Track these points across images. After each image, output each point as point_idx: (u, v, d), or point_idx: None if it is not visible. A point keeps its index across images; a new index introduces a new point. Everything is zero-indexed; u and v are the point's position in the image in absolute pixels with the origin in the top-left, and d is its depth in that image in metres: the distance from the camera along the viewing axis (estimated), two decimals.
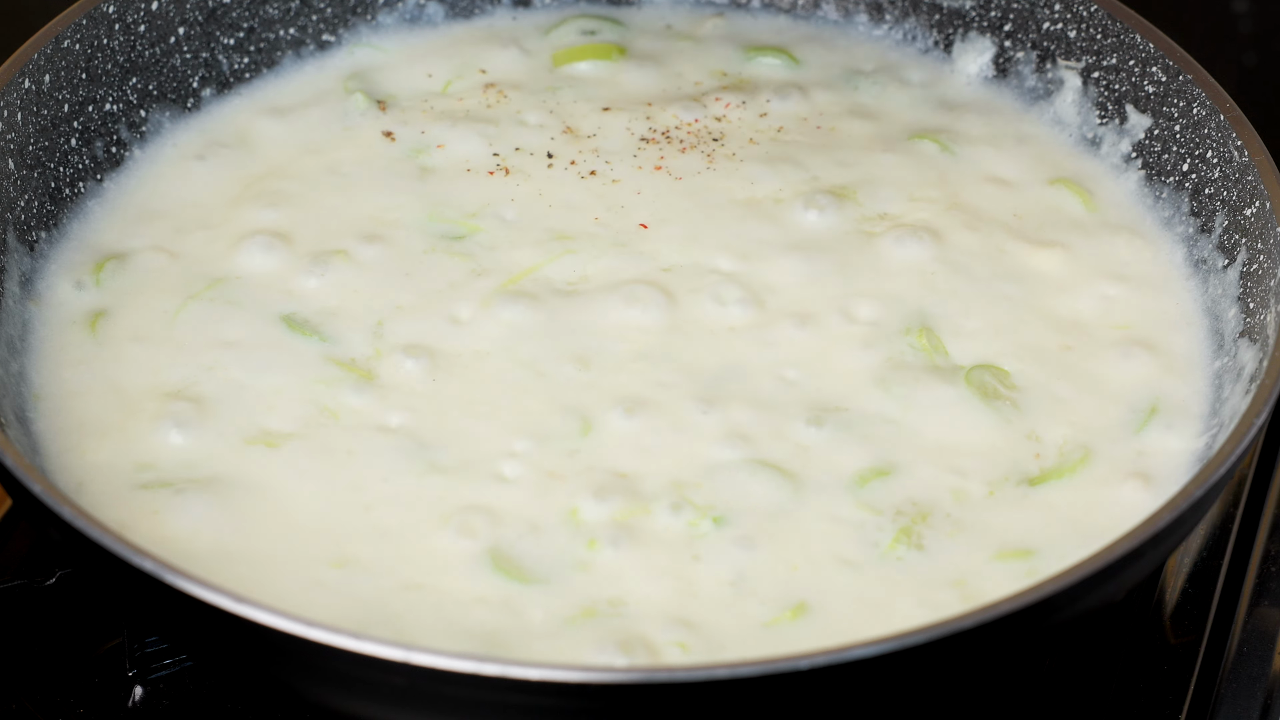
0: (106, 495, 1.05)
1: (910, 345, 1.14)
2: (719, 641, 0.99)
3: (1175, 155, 1.23)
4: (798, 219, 1.22)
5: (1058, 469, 1.08)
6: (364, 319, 1.15)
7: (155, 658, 1.11)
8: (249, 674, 1.02)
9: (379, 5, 1.36)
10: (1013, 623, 0.92)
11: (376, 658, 0.89)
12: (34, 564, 1.16)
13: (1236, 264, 1.16)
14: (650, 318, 1.15)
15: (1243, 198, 1.16)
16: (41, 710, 1.10)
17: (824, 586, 1.02)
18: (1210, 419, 1.11)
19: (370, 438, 1.08)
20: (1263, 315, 1.11)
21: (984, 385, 1.12)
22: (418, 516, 1.05)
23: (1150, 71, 1.24)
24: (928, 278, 1.19)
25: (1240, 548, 1.21)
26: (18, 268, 1.16)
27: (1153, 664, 1.13)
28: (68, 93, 1.22)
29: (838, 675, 0.90)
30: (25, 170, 1.19)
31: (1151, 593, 1.17)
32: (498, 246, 1.20)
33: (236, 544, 1.03)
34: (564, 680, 0.88)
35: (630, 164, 1.26)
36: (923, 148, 1.28)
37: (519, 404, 1.10)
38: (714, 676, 0.88)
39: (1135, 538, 0.95)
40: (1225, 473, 0.99)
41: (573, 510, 1.05)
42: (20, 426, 1.08)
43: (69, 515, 0.95)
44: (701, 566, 1.03)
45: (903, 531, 1.04)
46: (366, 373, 1.12)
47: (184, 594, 0.91)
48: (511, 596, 1.01)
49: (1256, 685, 1.13)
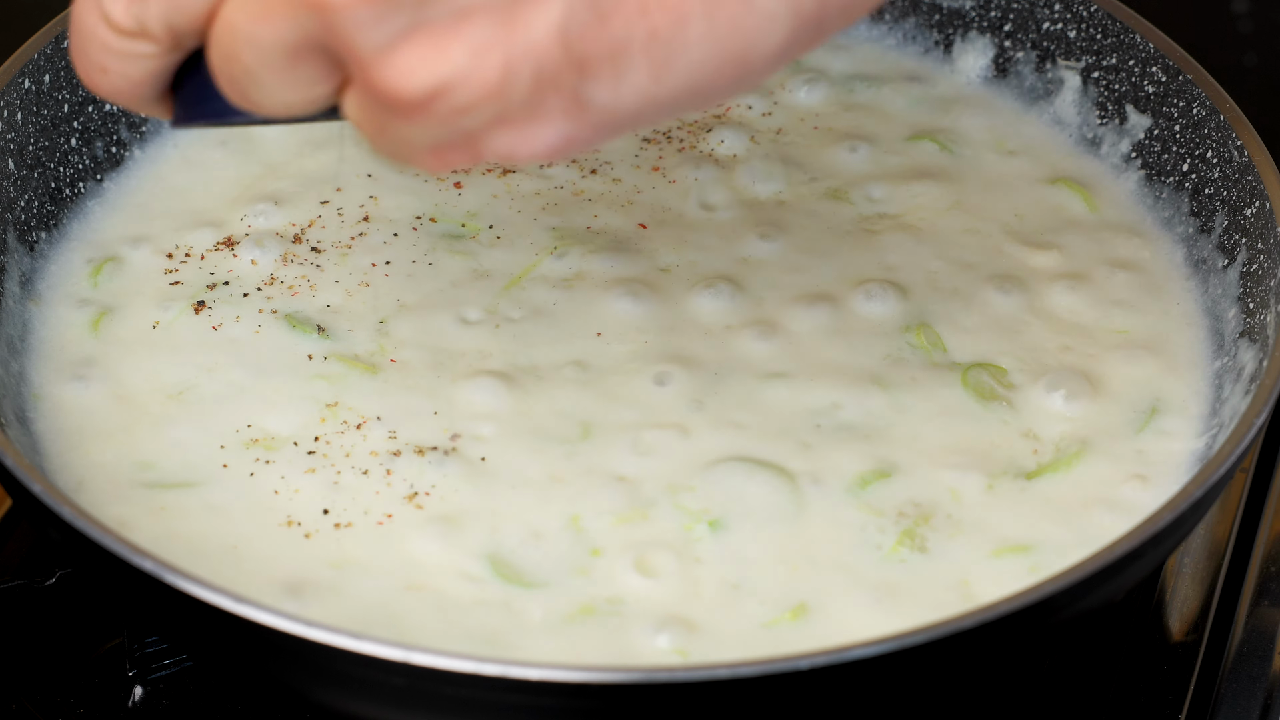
0: (106, 495, 1.05)
1: (909, 344, 1.14)
2: (719, 642, 0.99)
3: (1175, 155, 1.23)
4: (798, 220, 1.22)
5: (1054, 464, 1.08)
6: (367, 317, 1.15)
7: (155, 658, 1.11)
8: (249, 674, 1.02)
9: None
10: (1013, 623, 0.92)
11: (376, 658, 0.89)
12: (34, 564, 1.16)
13: (1236, 264, 1.16)
14: (649, 318, 1.15)
15: (1243, 198, 1.16)
16: (41, 710, 1.10)
17: (824, 587, 1.02)
18: (1210, 419, 1.11)
19: (371, 438, 1.08)
20: (1263, 315, 1.11)
21: (981, 385, 1.12)
22: (419, 517, 1.05)
23: (1150, 71, 1.24)
24: (927, 277, 1.19)
25: (1240, 548, 1.21)
26: (18, 268, 1.16)
27: (1153, 664, 1.13)
28: (68, 93, 1.22)
29: (838, 675, 0.90)
30: (25, 170, 1.19)
31: (1151, 593, 1.17)
32: (498, 246, 1.20)
33: (235, 543, 1.03)
34: (564, 680, 0.88)
35: (630, 164, 1.26)
36: (923, 148, 1.28)
37: (521, 405, 1.10)
38: (714, 676, 0.88)
39: (1135, 538, 0.95)
40: (1225, 473, 0.99)
41: (574, 515, 1.05)
42: (20, 426, 1.08)
43: (69, 515, 0.95)
44: (702, 568, 1.03)
45: (905, 534, 1.04)
46: (370, 367, 1.12)
47: (184, 594, 0.91)
48: (511, 598, 1.01)
49: (1256, 685, 1.13)
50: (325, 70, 0.80)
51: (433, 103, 0.78)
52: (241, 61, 0.80)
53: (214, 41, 0.81)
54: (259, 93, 0.81)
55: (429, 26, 0.77)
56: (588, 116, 0.80)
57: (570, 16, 0.77)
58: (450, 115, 0.79)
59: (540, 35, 0.78)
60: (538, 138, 0.80)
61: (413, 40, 0.78)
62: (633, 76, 0.79)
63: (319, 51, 0.79)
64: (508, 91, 0.78)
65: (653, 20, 0.78)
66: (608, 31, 0.78)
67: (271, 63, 0.80)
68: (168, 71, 0.86)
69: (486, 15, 0.77)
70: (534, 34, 0.77)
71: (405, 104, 0.79)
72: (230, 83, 0.82)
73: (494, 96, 0.78)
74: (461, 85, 0.78)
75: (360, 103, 0.81)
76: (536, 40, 0.78)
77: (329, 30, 0.78)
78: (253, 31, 0.79)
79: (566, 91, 0.79)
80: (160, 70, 0.86)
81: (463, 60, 0.78)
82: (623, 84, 0.79)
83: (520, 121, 0.80)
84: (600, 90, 0.79)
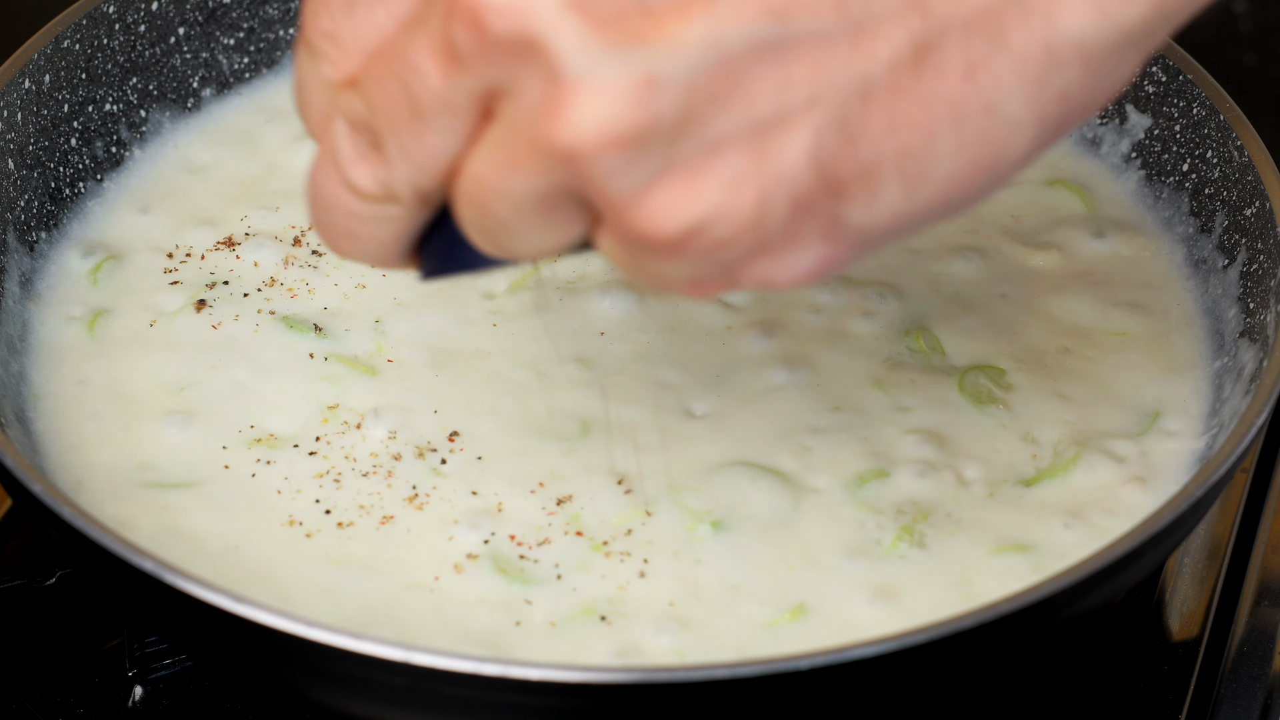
0: (106, 495, 1.05)
1: (908, 348, 1.14)
2: (719, 642, 0.99)
3: (1175, 155, 1.23)
4: None
5: (1052, 468, 1.08)
6: (364, 318, 1.15)
7: (155, 658, 1.11)
8: (249, 674, 1.02)
9: None
10: (1013, 622, 0.92)
11: (377, 658, 0.89)
12: (34, 564, 1.16)
13: (1236, 264, 1.16)
14: (651, 318, 1.15)
15: (1243, 198, 1.16)
16: (41, 710, 1.10)
17: (824, 587, 1.02)
18: (1210, 419, 1.11)
19: (371, 437, 1.09)
20: (1263, 315, 1.11)
21: (978, 389, 1.12)
22: (420, 517, 1.05)
23: (1150, 71, 1.24)
24: (927, 278, 1.19)
25: (1240, 548, 1.21)
26: (18, 268, 1.16)
27: (1153, 664, 1.13)
28: (68, 93, 1.22)
29: (838, 675, 0.90)
30: (25, 170, 1.19)
31: (1151, 593, 1.17)
32: None
33: (236, 543, 1.03)
34: (564, 680, 0.88)
35: None
36: None
37: (520, 404, 1.10)
38: (714, 676, 0.88)
39: (1135, 538, 0.95)
40: (1225, 473, 0.99)
41: (574, 515, 1.05)
42: (20, 426, 1.08)
43: (69, 515, 0.95)
44: (702, 568, 1.03)
45: (904, 530, 1.04)
46: (369, 368, 1.12)
47: (184, 594, 0.91)
48: (512, 598, 1.01)
49: (1256, 685, 1.13)
50: (578, 212, 0.79)
51: (690, 241, 0.78)
52: (494, 215, 0.79)
53: (462, 196, 0.80)
54: (513, 241, 0.80)
55: (680, 165, 0.76)
56: (845, 237, 0.79)
57: (821, 141, 0.77)
58: (708, 251, 0.78)
59: (792, 162, 0.77)
60: (797, 263, 0.80)
61: (664, 181, 0.77)
62: (886, 194, 0.78)
63: (570, 197, 0.78)
64: (764, 222, 0.78)
65: (901, 138, 0.77)
66: (858, 152, 0.77)
67: (525, 213, 0.79)
68: (416, 230, 0.85)
69: (736, 147, 0.76)
70: (786, 162, 0.77)
71: (662, 245, 0.78)
72: (482, 235, 0.81)
73: (751, 229, 0.78)
74: (718, 221, 0.77)
75: (615, 243, 0.80)
76: (789, 168, 0.77)
77: (579, 179, 0.77)
78: (503, 185, 0.78)
79: (822, 215, 0.78)
80: (409, 230, 0.84)
81: (717, 196, 0.77)
82: (877, 203, 0.78)
83: (778, 249, 0.79)
84: (855, 211, 0.78)
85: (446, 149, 0.80)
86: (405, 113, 0.79)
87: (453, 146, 0.80)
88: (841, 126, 0.77)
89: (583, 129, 0.75)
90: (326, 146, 0.83)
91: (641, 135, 0.75)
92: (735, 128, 0.76)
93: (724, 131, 0.76)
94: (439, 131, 0.79)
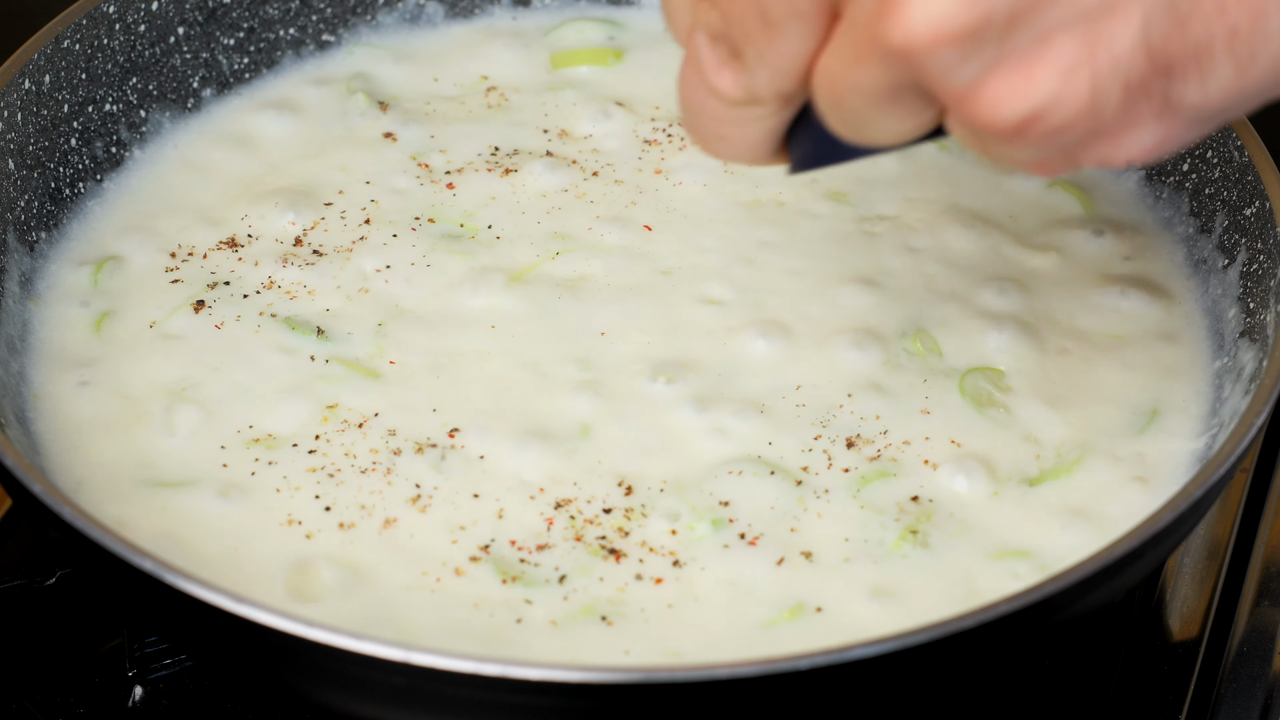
0: (106, 495, 1.05)
1: (906, 350, 1.14)
2: (719, 642, 0.99)
3: (1175, 155, 1.23)
4: (798, 221, 1.22)
5: (1055, 470, 1.08)
6: (366, 319, 1.15)
7: (155, 658, 1.11)
8: (249, 674, 1.02)
9: (379, 5, 1.36)
10: (1013, 623, 0.92)
11: (376, 658, 0.89)
12: (34, 564, 1.16)
13: (1236, 264, 1.16)
14: (651, 319, 1.15)
15: (1243, 198, 1.16)
16: (41, 710, 1.10)
17: (824, 586, 1.02)
18: (1210, 419, 1.11)
19: (371, 437, 1.09)
20: (1263, 315, 1.11)
21: (978, 391, 1.12)
22: (420, 516, 1.05)
23: None
24: (926, 279, 1.19)
25: (1240, 548, 1.21)
26: (18, 268, 1.16)
27: (1153, 664, 1.13)
28: (68, 93, 1.22)
29: (838, 675, 0.90)
30: (25, 170, 1.19)
31: (1151, 593, 1.17)
32: (498, 246, 1.20)
33: (237, 543, 1.03)
34: (564, 680, 0.88)
35: (632, 166, 1.26)
36: (922, 149, 1.28)
37: (521, 404, 1.10)
38: (714, 676, 0.88)
39: (1135, 538, 0.95)
40: (1225, 473, 0.99)
41: (574, 514, 1.05)
42: (20, 426, 1.08)
43: (69, 515, 0.95)
44: (701, 568, 1.03)
45: (908, 530, 1.04)
46: (371, 371, 1.12)
47: (184, 594, 0.91)
48: (512, 597, 1.01)
49: (1256, 685, 1.13)
50: (925, 102, 0.83)
51: (1028, 129, 0.80)
52: (848, 107, 0.83)
53: (818, 91, 0.84)
54: (870, 129, 0.84)
55: (1013, 56, 0.79)
56: (1179, 116, 0.81)
57: (1151, 24, 0.79)
58: (1046, 137, 0.81)
59: (1124, 47, 0.79)
60: (1134, 143, 0.82)
61: (1000, 72, 0.79)
62: (1218, 73, 0.80)
63: (915, 88, 0.82)
64: (1099, 107, 0.80)
65: (1231, 18, 0.79)
66: (1189, 34, 0.79)
67: (876, 104, 0.83)
68: (782, 128, 0.90)
69: (1068, 36, 0.79)
70: (1117, 47, 0.79)
71: (1001, 133, 0.81)
72: (842, 125, 0.85)
73: (1087, 115, 0.80)
74: (1054, 109, 0.80)
75: (961, 129, 0.83)
76: (1121, 52, 0.79)
77: (918, 73, 0.80)
78: (852, 80, 0.82)
79: (1156, 97, 0.80)
80: (775, 129, 0.90)
81: (1052, 84, 0.79)
82: (1209, 82, 0.80)
83: (1115, 131, 0.81)
84: (1188, 91, 0.80)
85: (800, 52, 0.84)
86: (758, 23, 0.84)
87: (806, 49, 0.84)
88: (1171, 9, 0.78)
89: (916, 28, 0.78)
90: (691, 54, 0.89)
91: (974, 31, 0.78)
92: (1065, 17, 0.78)
93: (1055, 21, 0.78)
94: (791, 37, 0.84)
